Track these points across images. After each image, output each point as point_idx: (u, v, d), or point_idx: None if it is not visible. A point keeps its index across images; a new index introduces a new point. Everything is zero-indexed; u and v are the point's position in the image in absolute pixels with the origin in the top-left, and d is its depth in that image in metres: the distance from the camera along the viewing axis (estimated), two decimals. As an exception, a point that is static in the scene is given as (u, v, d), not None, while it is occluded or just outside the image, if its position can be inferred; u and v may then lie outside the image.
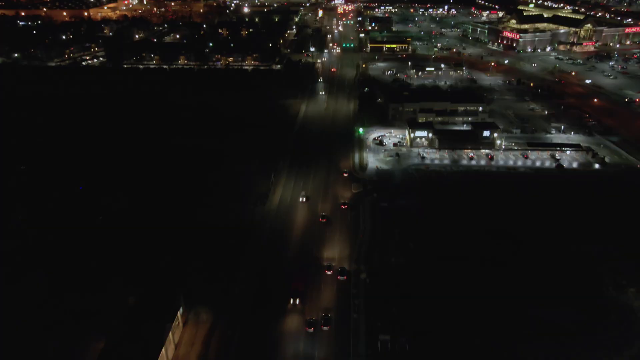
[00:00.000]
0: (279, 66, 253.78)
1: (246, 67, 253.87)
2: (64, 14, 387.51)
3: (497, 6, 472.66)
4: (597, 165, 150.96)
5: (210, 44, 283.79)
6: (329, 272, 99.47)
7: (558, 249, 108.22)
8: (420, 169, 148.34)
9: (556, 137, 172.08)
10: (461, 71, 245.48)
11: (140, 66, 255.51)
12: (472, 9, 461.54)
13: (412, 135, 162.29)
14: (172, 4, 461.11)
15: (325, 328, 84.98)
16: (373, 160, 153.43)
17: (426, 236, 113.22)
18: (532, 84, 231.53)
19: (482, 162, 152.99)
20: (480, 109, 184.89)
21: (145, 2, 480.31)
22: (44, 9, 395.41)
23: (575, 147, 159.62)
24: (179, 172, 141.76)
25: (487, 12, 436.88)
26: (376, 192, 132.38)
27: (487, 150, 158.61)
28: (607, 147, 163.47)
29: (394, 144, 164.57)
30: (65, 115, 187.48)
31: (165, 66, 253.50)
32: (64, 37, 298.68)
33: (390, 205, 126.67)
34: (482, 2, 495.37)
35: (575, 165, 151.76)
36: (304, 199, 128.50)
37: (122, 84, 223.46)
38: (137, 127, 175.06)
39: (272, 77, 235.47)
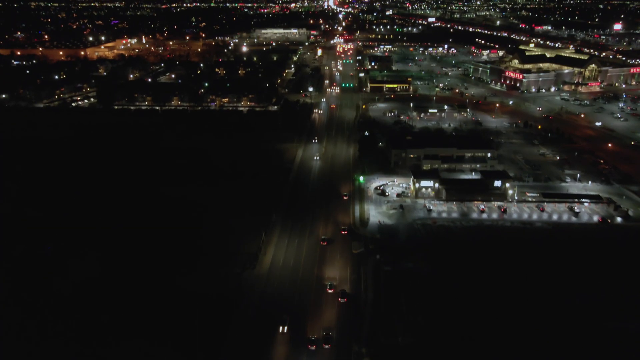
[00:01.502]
0: (275, 107, 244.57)
1: (241, 109, 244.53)
2: (60, 53, 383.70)
3: (496, 45, 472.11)
4: (619, 219, 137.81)
5: (206, 84, 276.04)
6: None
7: (589, 326, 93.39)
8: (427, 224, 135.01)
9: (572, 186, 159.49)
10: (465, 113, 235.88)
11: (132, 107, 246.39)
12: (472, 48, 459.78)
13: (417, 185, 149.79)
14: (171, 43, 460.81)
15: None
16: (375, 214, 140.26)
17: (437, 308, 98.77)
18: (539, 127, 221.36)
19: (494, 216, 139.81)
20: (489, 155, 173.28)
21: (144, 41, 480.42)
22: (40, 49, 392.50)
23: (595, 198, 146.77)
24: (163, 228, 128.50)
25: (487, 51, 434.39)
26: (379, 253, 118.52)
27: (499, 202, 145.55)
28: (628, 197, 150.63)
29: (398, 195, 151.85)
30: (44, 159, 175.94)
31: (157, 107, 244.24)
32: (56, 77, 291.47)
33: (395, 269, 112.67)
34: (482, 42, 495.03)
35: (595, 218, 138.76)
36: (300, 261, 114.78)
37: (111, 126, 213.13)
38: (123, 174, 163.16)
39: (268, 119, 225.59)
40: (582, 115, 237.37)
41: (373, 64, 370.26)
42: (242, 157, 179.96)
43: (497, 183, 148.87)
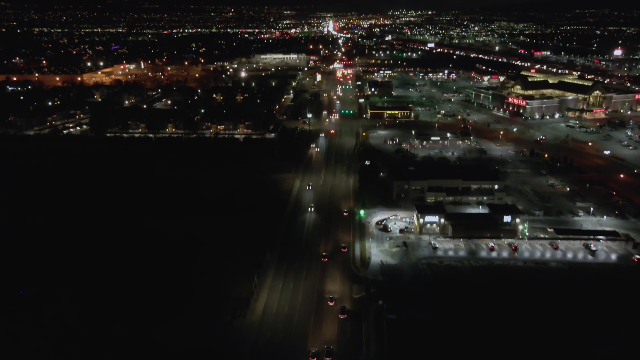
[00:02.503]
0: (273, 134, 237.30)
1: (238, 136, 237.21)
2: (57, 79, 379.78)
3: (496, 70, 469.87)
4: (638, 257, 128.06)
5: (202, 110, 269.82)
6: None
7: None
8: (432, 264, 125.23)
9: (585, 220, 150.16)
10: (469, 141, 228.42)
11: (125, 134, 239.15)
12: (472, 74, 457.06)
13: (421, 220, 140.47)
14: (169, 68, 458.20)
15: None
16: (377, 252, 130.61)
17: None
18: (546, 155, 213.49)
19: (505, 254, 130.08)
20: (496, 186, 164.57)
21: (142, 67, 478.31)
22: (36, 74, 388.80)
23: (611, 234, 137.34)
24: (147, 268, 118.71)
25: (488, 76, 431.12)
26: (382, 298, 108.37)
27: (509, 240, 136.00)
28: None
29: (401, 230, 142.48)
30: (28, 191, 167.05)
31: (151, 135, 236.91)
32: (50, 103, 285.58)
33: (400, 317, 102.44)
34: (482, 67, 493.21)
35: (613, 257, 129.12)
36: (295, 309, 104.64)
37: (101, 155, 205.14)
38: (109, 207, 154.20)
39: (264, 147, 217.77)
40: (590, 144, 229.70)
41: (373, 89, 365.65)
42: (237, 189, 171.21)
43: (507, 218, 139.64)
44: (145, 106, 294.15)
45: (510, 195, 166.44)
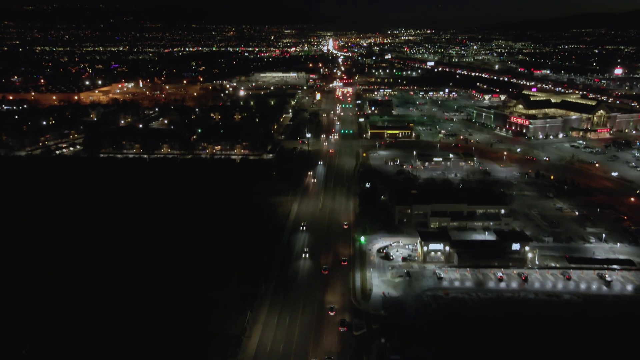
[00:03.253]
0: (270, 155, 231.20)
1: (234, 157, 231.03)
2: (54, 97, 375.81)
3: (497, 89, 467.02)
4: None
5: (199, 130, 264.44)
6: None
7: None
8: (438, 296, 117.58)
9: (597, 247, 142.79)
10: (472, 162, 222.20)
11: (119, 155, 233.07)
12: (473, 92, 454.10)
13: (424, 248, 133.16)
14: (167, 87, 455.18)
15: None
16: (378, 283, 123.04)
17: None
18: (552, 177, 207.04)
19: (514, 285, 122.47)
20: (502, 211, 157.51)
21: (141, 85, 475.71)
22: (33, 93, 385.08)
23: (626, 263, 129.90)
24: (133, 302, 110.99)
25: (489, 95, 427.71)
26: (384, 336, 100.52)
27: (518, 270, 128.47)
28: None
29: (403, 258, 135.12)
30: (10, 215, 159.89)
31: (145, 155, 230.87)
32: (44, 122, 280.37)
33: (404, 357, 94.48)
34: (483, 86, 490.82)
35: (630, 288, 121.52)
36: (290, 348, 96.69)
37: (92, 176, 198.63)
38: (97, 233, 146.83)
39: (261, 168, 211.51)
40: (597, 165, 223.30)
41: (373, 108, 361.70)
42: (232, 213, 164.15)
43: (516, 246, 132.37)
44: (141, 125, 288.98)
45: (517, 219, 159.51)
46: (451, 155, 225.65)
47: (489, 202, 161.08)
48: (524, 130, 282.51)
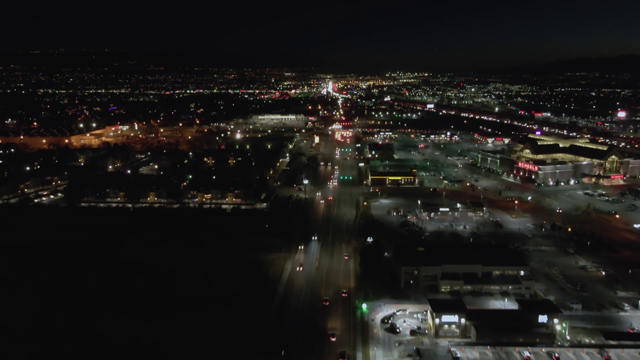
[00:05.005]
0: (264, 205, 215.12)
1: (225, 206, 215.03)
2: (43, 141, 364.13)
3: (499, 132, 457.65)
4: None
5: (190, 177, 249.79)
6: None
7: None
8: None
9: (634, 316, 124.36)
10: (481, 212, 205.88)
11: (102, 204, 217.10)
12: (476, 136, 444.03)
13: (437, 320, 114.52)
14: (162, 130, 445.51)
15: None
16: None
17: None
18: (569, 229, 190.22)
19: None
20: (522, 273, 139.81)
21: (136, 128, 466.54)
22: (22, 136, 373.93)
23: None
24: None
25: (492, 139, 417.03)
26: None
27: (548, 348, 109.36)
28: None
29: (412, 332, 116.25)
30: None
31: (129, 205, 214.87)
32: (28, 168, 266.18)
33: None
34: (486, 129, 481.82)
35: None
36: None
37: (67, 230, 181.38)
38: (57, 301, 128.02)
39: (254, 220, 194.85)
40: (618, 216, 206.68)
41: (373, 152, 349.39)
42: (217, 274, 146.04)
43: (542, 318, 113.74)
44: (129, 171, 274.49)
45: (537, 280, 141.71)
46: (459, 205, 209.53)
47: (506, 261, 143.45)
48: (533, 177, 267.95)
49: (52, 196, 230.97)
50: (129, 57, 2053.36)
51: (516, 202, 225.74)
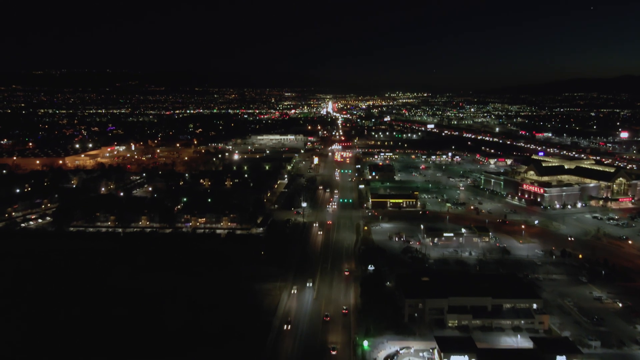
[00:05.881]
0: (260, 229, 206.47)
1: (220, 231, 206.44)
2: (37, 162, 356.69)
3: (501, 152, 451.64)
4: None
5: (184, 199, 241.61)
6: None
7: None
8: None
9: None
10: (487, 238, 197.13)
11: (91, 229, 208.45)
12: (477, 156, 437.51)
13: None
14: (158, 150, 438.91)
15: None
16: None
17: None
18: (580, 256, 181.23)
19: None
20: (535, 306, 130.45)
21: (133, 148, 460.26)
22: (15, 157, 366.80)
23: None
24: None
25: (494, 159, 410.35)
26: None
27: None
28: None
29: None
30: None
31: (120, 229, 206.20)
32: (18, 190, 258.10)
33: None
34: (488, 149, 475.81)
35: None
36: None
37: (53, 256, 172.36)
38: (40, 339, 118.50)
39: (249, 246, 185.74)
40: (630, 242, 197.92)
41: (374, 173, 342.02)
42: (208, 306, 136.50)
43: (561, 359, 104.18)
44: (122, 193, 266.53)
45: (550, 313, 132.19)
46: (463, 230, 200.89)
47: (517, 293, 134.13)
48: (539, 199, 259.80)
49: (40, 220, 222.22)
50: (131, 78, 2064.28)
51: (523, 226, 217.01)
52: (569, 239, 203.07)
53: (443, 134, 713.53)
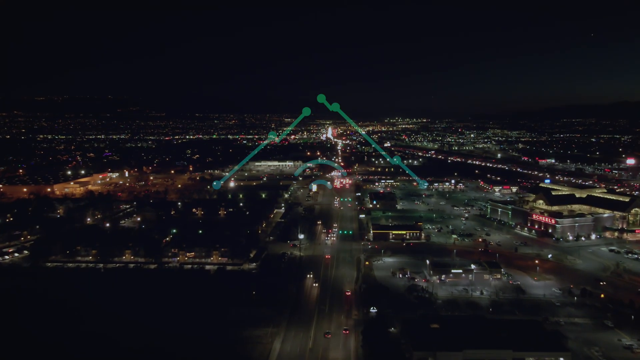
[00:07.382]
0: (253, 264, 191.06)
1: (209, 267, 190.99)
2: (24, 190, 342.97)
3: (506, 180, 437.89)
4: None
5: (174, 231, 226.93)
6: None
7: None
8: None
9: None
10: (499, 274, 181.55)
11: (70, 264, 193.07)
12: (481, 183, 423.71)
13: None
14: (151, 177, 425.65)
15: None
16: None
17: None
18: (602, 295, 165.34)
19: None
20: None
21: (127, 175, 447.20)
22: (1, 185, 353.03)
23: None
24: None
25: (499, 187, 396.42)
26: None
27: None
28: None
29: None
30: None
31: (100, 265, 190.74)
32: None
33: None
34: (493, 177, 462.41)
35: None
36: None
37: (22, 297, 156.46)
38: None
39: (240, 284, 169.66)
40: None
41: (374, 202, 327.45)
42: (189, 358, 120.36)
43: None
44: (109, 224, 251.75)
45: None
46: (473, 266, 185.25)
47: (540, 344, 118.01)
48: (550, 230, 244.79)
49: (17, 254, 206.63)
50: (132, 103, 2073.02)
51: (537, 261, 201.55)
52: (602, 283, 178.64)
53: (445, 159, 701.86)
